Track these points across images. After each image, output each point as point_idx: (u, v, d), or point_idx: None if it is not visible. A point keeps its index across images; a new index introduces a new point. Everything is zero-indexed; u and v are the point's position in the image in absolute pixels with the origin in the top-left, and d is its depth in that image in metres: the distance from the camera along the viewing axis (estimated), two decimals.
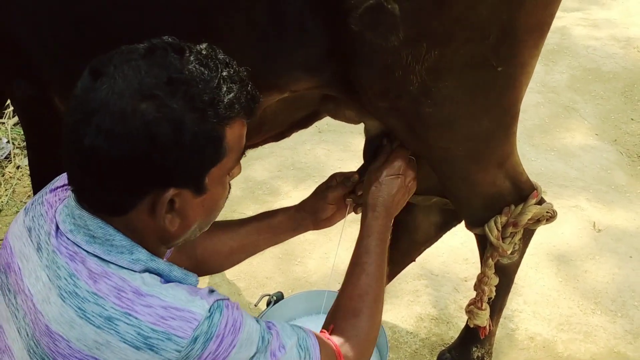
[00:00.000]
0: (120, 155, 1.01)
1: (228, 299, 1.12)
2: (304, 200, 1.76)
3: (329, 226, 1.76)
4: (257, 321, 1.18)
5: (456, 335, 2.28)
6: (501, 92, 1.47)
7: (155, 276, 1.10)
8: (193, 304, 1.06)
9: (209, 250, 1.66)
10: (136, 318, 1.04)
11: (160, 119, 1.00)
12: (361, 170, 1.71)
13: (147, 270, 1.10)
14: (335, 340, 1.31)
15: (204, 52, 1.07)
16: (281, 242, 1.80)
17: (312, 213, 1.72)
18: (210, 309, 1.07)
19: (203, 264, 1.67)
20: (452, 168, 1.62)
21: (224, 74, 1.06)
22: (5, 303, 1.17)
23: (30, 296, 1.11)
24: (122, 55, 1.04)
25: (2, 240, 2.68)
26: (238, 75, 1.09)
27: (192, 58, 1.05)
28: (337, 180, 1.71)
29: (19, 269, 1.14)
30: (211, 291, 1.12)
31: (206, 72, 1.04)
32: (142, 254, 1.09)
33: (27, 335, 1.11)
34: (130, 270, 1.08)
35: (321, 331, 1.35)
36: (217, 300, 1.10)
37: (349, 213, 1.73)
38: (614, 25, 4.62)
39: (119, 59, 1.04)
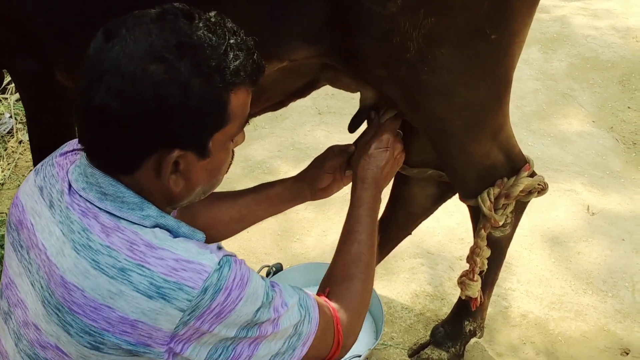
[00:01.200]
0: (129, 114, 1.05)
1: (235, 256, 1.17)
2: (302, 171, 1.80)
3: (326, 197, 1.80)
4: (262, 278, 1.22)
5: (449, 312, 2.33)
6: (495, 61, 1.51)
7: (166, 231, 1.14)
8: (203, 257, 1.10)
9: (211, 220, 1.70)
10: (149, 269, 1.08)
11: (168, 81, 1.04)
12: (357, 142, 1.75)
13: (157, 226, 1.14)
14: (332, 303, 1.35)
15: (212, 20, 1.11)
16: (280, 212, 1.83)
17: (310, 183, 1.76)
18: (220, 262, 1.11)
19: (206, 232, 1.71)
20: (448, 138, 1.66)
21: (232, 41, 1.10)
22: (17, 259, 1.21)
23: (44, 250, 1.15)
24: (134, 19, 1.08)
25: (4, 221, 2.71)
26: (245, 44, 1.12)
27: (201, 24, 1.09)
28: (335, 151, 1.75)
29: (32, 225, 1.19)
30: (219, 247, 1.16)
31: (214, 38, 1.08)
32: (152, 210, 1.14)
33: (42, 287, 1.14)
34: (141, 225, 1.12)
35: (317, 294, 1.39)
36: (226, 255, 1.14)
37: (347, 184, 1.77)
38: (613, 15, 4.65)
39: (131, 22, 1.08)
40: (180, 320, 1.07)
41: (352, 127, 1.74)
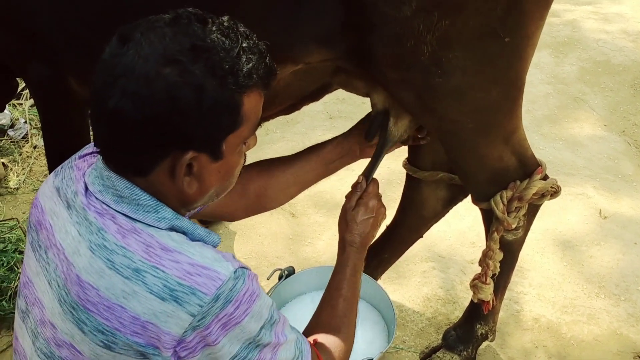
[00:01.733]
0: (143, 116, 1.06)
1: (249, 269, 1.18)
2: (350, 129, 1.83)
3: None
4: (270, 299, 1.23)
5: (461, 315, 2.33)
6: (508, 63, 1.52)
7: (182, 234, 1.15)
8: (219, 265, 1.12)
9: (264, 186, 1.72)
10: (163, 272, 1.09)
11: (182, 83, 1.06)
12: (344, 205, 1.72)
13: (172, 228, 1.15)
14: (320, 354, 1.38)
15: (225, 24, 1.12)
16: (332, 173, 1.84)
17: (358, 139, 1.79)
18: (235, 272, 1.12)
19: (260, 200, 1.74)
20: (460, 141, 1.67)
21: (244, 45, 1.12)
22: (36, 258, 1.23)
23: (62, 249, 1.16)
24: (148, 23, 1.10)
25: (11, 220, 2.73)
26: (257, 47, 1.14)
27: (214, 28, 1.10)
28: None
29: (51, 225, 1.21)
30: (233, 257, 1.17)
31: (227, 42, 1.10)
32: (167, 213, 1.15)
33: (59, 286, 1.16)
34: (157, 228, 1.13)
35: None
36: (242, 267, 1.15)
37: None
38: (624, 19, 4.65)
39: (145, 26, 1.09)
40: (190, 325, 1.08)
41: (369, 137, 1.75)
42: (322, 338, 1.42)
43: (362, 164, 1.78)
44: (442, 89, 1.51)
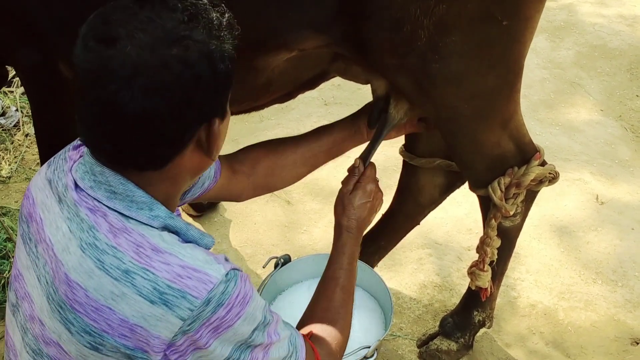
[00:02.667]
0: (173, 105, 1.02)
1: (241, 270, 1.15)
2: (358, 110, 1.80)
3: None
4: (262, 299, 1.21)
5: (458, 302, 2.32)
6: (506, 47, 1.50)
7: (174, 235, 1.12)
8: (210, 267, 1.09)
9: (272, 166, 1.70)
10: (153, 274, 1.06)
11: (196, 57, 1.02)
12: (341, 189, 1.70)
13: (166, 228, 1.12)
14: (316, 347, 1.35)
15: None
16: (341, 154, 1.82)
17: (366, 117, 1.76)
18: (227, 275, 1.09)
19: (268, 179, 1.71)
20: (458, 127, 1.65)
21: (203, 2, 1.08)
22: (26, 251, 1.20)
23: (51, 245, 1.13)
24: (119, 16, 1.02)
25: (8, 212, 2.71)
26: (211, 3, 1.10)
27: None
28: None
29: (41, 219, 1.17)
30: (226, 259, 1.14)
31: (199, 3, 1.07)
32: (161, 211, 1.11)
33: (47, 282, 1.13)
34: (149, 226, 1.10)
35: (298, 328, 1.40)
36: (234, 269, 1.12)
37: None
38: (621, 3, 4.62)
39: (119, 20, 1.02)
40: (180, 329, 1.06)
41: (371, 124, 1.73)
42: (318, 330, 1.39)
43: (359, 150, 1.76)
44: (439, 74, 1.49)
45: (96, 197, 1.10)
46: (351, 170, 1.66)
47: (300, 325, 1.42)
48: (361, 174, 1.64)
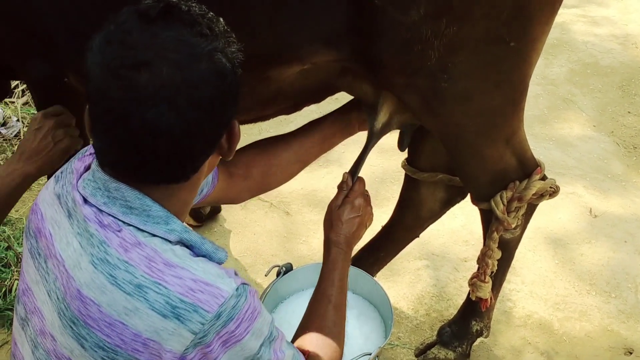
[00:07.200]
0: (215, 113, 1.06)
1: (250, 285, 1.16)
2: (347, 102, 1.83)
3: None
4: (270, 315, 1.22)
5: (455, 312, 2.36)
6: (513, 67, 1.55)
7: (186, 249, 1.13)
8: (222, 282, 1.09)
9: (267, 166, 1.71)
10: (166, 288, 1.06)
11: (224, 66, 1.05)
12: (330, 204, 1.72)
13: (181, 241, 1.12)
14: None
15: (183, 6, 1.07)
16: (331, 148, 1.83)
17: (356, 113, 1.79)
18: (237, 289, 1.10)
19: (264, 179, 1.73)
20: (463, 143, 1.70)
21: (206, 11, 1.10)
22: (35, 266, 1.19)
23: (62, 261, 1.13)
24: (140, 39, 1.01)
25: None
26: (202, 10, 1.10)
27: (187, 9, 1.06)
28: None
29: (50, 234, 1.16)
30: (235, 273, 1.16)
31: (205, 13, 1.08)
32: (177, 225, 1.12)
33: (58, 298, 1.13)
34: (165, 240, 1.10)
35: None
36: (243, 284, 1.13)
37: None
38: (612, 22, 4.71)
39: (142, 44, 1.01)
40: (192, 342, 1.07)
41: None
42: (315, 349, 1.39)
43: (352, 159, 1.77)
44: (447, 93, 1.53)
45: (111, 213, 1.10)
46: (340, 186, 1.67)
47: (296, 342, 1.42)
48: (349, 189, 1.65)
